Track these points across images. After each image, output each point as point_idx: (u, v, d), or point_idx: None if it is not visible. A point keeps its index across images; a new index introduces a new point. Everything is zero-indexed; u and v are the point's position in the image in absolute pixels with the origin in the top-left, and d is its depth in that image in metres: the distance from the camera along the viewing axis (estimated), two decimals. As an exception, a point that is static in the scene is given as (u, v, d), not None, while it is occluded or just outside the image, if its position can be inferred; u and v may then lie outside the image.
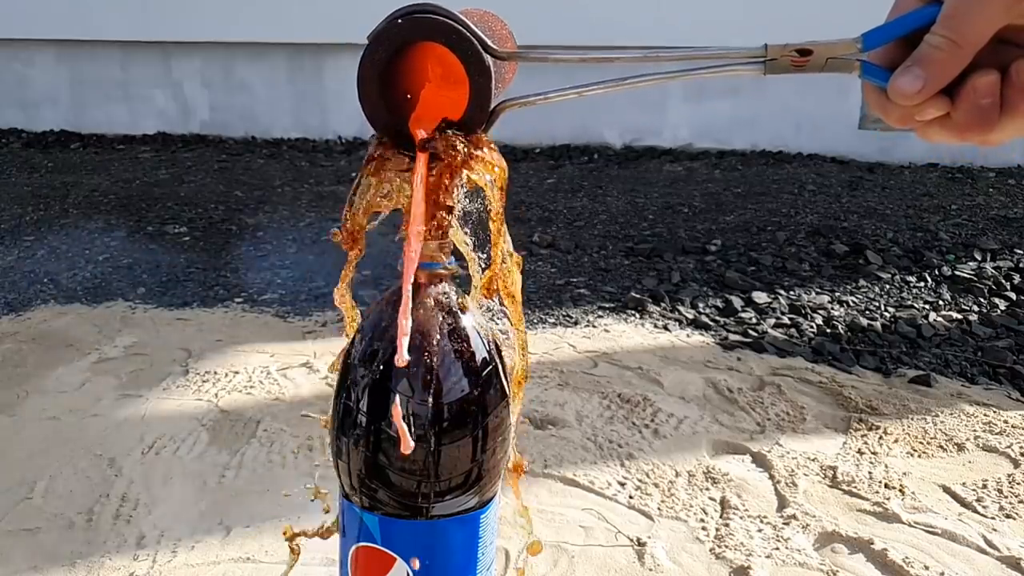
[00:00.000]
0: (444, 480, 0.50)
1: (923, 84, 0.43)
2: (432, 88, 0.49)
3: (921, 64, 0.43)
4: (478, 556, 0.53)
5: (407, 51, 0.47)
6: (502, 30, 0.53)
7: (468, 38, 0.46)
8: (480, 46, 0.46)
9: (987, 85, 0.43)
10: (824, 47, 0.46)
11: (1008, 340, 1.80)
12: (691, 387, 1.54)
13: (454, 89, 0.48)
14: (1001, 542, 1.09)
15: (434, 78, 0.49)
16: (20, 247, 2.41)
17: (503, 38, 0.52)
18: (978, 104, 0.43)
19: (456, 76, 0.47)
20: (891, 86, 0.44)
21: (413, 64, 0.48)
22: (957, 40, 0.43)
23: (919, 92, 0.43)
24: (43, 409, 1.43)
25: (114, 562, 1.03)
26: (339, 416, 0.52)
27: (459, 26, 0.46)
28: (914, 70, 0.43)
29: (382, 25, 0.47)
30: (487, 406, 0.51)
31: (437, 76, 0.48)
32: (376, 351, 0.50)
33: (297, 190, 3.09)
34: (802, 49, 0.47)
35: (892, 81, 0.44)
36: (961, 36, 0.43)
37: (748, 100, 3.80)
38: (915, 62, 0.43)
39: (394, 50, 0.47)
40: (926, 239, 2.48)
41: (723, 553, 1.06)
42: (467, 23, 0.46)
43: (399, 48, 0.47)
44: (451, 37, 0.46)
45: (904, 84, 0.44)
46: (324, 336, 1.79)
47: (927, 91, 0.43)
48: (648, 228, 2.63)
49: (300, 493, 1.16)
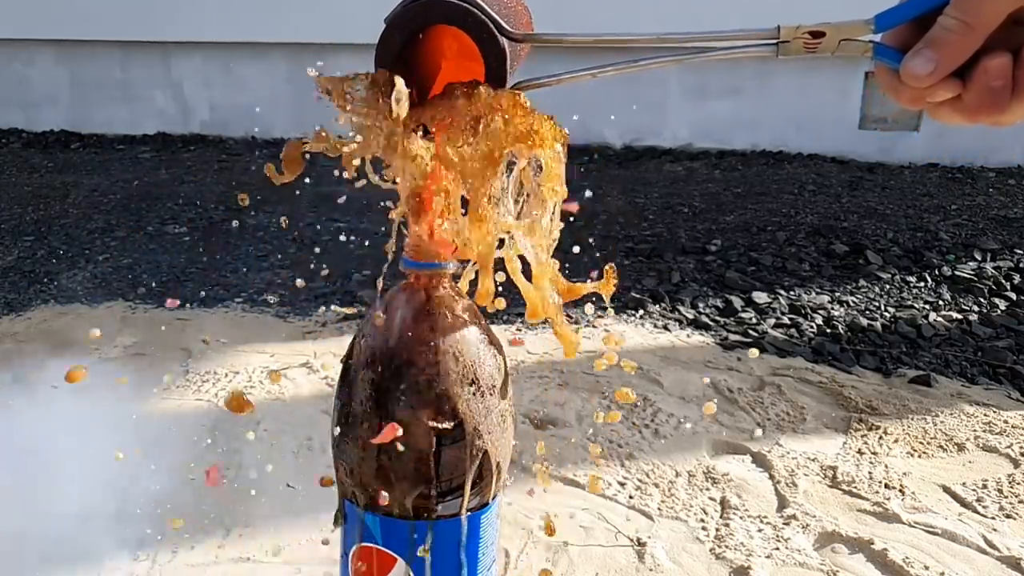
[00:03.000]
0: (445, 481, 0.50)
1: (935, 66, 0.43)
2: (449, 66, 0.48)
3: (933, 46, 0.43)
4: (479, 556, 0.53)
5: (422, 34, 0.47)
6: (516, 5, 0.53)
7: (482, 21, 0.46)
8: (495, 28, 0.46)
9: (999, 67, 0.43)
10: (836, 29, 0.47)
11: (1008, 340, 1.80)
12: (691, 387, 1.54)
13: (470, 66, 0.48)
14: (1001, 542, 1.09)
15: (450, 55, 0.48)
16: (20, 247, 2.41)
17: (517, 13, 0.52)
18: (990, 86, 0.44)
19: (472, 52, 0.47)
20: (903, 68, 0.44)
21: (429, 46, 0.48)
22: (970, 22, 0.43)
23: (931, 74, 0.44)
24: (43, 409, 1.43)
25: (114, 562, 1.03)
26: (340, 416, 0.52)
27: (473, 8, 0.46)
28: (926, 52, 0.44)
29: (397, 9, 0.46)
30: (488, 407, 0.51)
31: (453, 52, 0.48)
32: (377, 351, 0.50)
33: (297, 190, 3.09)
34: (815, 31, 0.47)
35: (904, 63, 0.44)
36: (974, 18, 0.43)
37: (748, 100, 3.80)
38: (927, 44, 0.44)
39: (409, 34, 0.47)
40: (926, 239, 2.48)
41: (723, 553, 1.06)
42: (480, 4, 0.46)
43: (414, 32, 0.47)
44: (466, 20, 0.46)
45: (916, 66, 0.44)
46: (324, 336, 1.78)
47: (939, 73, 0.44)
48: (648, 228, 2.62)
49: (300, 493, 1.16)
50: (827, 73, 3.72)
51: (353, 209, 2.64)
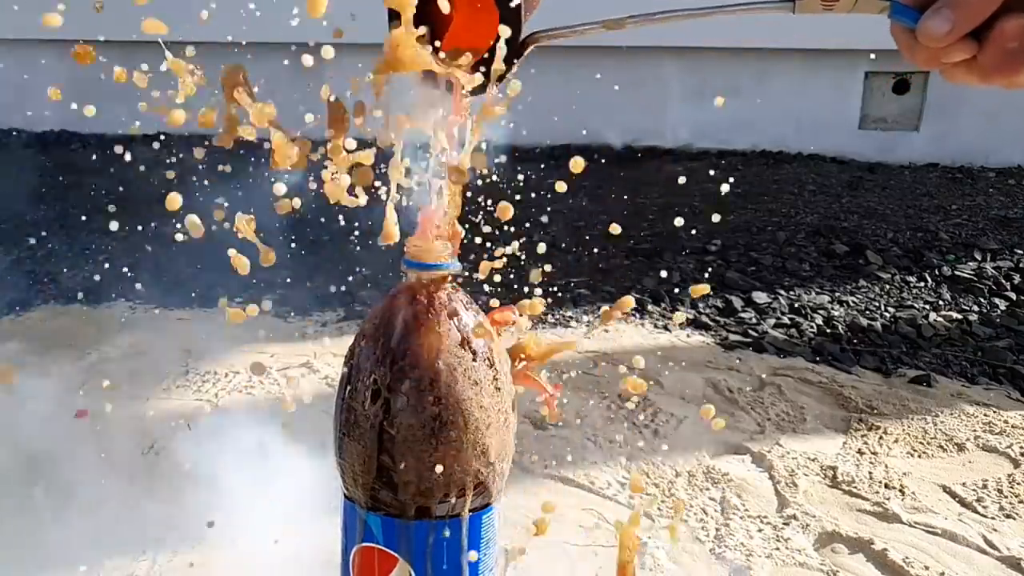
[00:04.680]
0: (447, 481, 0.50)
1: (952, 26, 0.43)
2: (462, 17, 0.48)
3: (952, 6, 0.43)
4: (480, 557, 0.53)
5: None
6: None
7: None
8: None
9: (1016, 28, 0.43)
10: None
11: (1008, 340, 1.80)
12: (691, 387, 1.54)
13: (483, 18, 0.47)
14: (1001, 542, 1.09)
15: (462, 5, 0.47)
16: (20, 247, 2.41)
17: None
18: (1005, 47, 0.44)
19: (485, 2, 0.47)
20: (920, 27, 0.44)
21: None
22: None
23: (948, 34, 0.44)
24: (43, 409, 1.43)
25: (114, 562, 1.03)
26: (341, 416, 0.52)
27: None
28: (944, 12, 0.43)
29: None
30: (489, 408, 0.51)
31: (465, 3, 0.47)
32: (378, 352, 0.50)
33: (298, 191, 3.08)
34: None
35: (922, 22, 0.44)
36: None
37: (748, 100, 3.80)
38: (945, 3, 0.44)
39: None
40: (926, 239, 2.48)
41: (723, 553, 1.06)
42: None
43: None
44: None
45: (933, 26, 0.44)
46: (324, 336, 1.79)
47: (956, 33, 0.44)
48: (648, 228, 2.62)
49: (298, 493, 1.16)
50: (827, 73, 3.72)
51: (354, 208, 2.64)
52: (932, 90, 3.67)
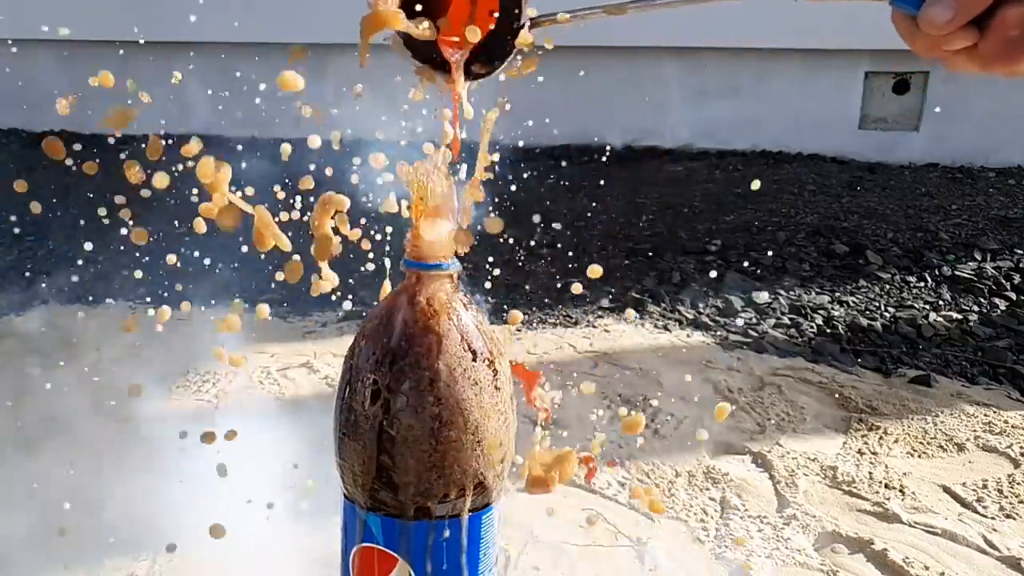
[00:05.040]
0: (447, 481, 0.50)
1: (954, 14, 0.43)
2: (461, 1, 0.48)
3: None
4: (480, 557, 0.53)
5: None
6: None
7: None
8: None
9: (1017, 16, 0.43)
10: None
11: (1008, 340, 1.80)
12: (691, 387, 1.54)
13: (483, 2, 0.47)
14: (1001, 542, 1.09)
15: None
16: (20, 247, 2.41)
17: None
18: (1007, 36, 0.44)
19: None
20: (922, 15, 0.44)
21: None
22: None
23: (950, 22, 0.44)
24: (43, 409, 1.43)
25: (114, 562, 1.03)
26: (341, 417, 0.52)
27: None
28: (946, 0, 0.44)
29: None
30: (488, 408, 0.51)
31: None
32: (378, 352, 0.50)
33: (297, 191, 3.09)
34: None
35: (923, 10, 0.44)
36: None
37: (748, 100, 3.80)
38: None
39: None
40: (926, 239, 2.48)
41: (723, 553, 1.06)
42: None
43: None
44: None
45: (935, 13, 0.44)
46: (324, 336, 1.79)
47: (958, 21, 0.44)
48: (648, 228, 2.62)
49: (299, 494, 1.16)
50: (827, 73, 3.72)
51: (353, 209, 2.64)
52: (932, 90, 3.67)
